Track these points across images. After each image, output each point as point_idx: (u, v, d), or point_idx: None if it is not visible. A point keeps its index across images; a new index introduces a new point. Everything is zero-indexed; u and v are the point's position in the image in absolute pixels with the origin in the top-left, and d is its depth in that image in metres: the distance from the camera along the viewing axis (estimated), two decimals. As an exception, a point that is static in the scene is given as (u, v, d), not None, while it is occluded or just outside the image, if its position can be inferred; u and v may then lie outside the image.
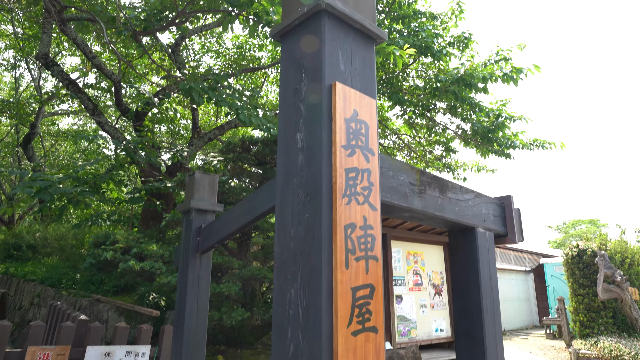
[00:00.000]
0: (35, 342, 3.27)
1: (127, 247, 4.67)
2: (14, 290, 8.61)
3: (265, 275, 4.40)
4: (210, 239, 3.19)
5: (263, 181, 5.48)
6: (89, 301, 5.48)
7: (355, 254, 2.11)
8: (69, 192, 6.17)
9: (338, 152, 2.14)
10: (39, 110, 15.31)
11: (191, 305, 3.20)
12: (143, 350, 3.77)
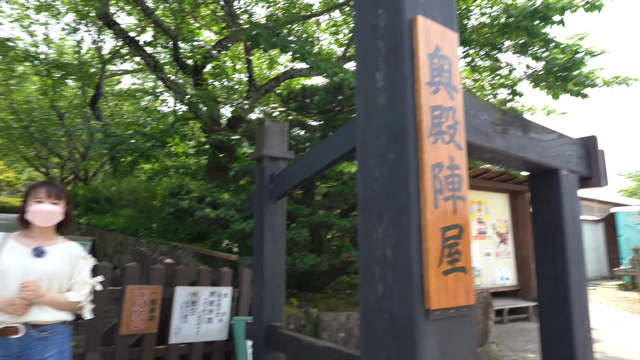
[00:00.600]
0: (132, 281, 3.58)
1: (200, 196, 4.89)
2: (98, 239, 9.42)
3: (333, 222, 4.47)
4: (283, 186, 3.25)
5: (326, 129, 5.46)
6: (168, 247, 5.89)
7: (443, 194, 2.06)
8: (140, 147, 6.50)
9: (422, 89, 2.05)
10: (102, 70, 15.97)
11: (269, 249, 3.33)
12: (225, 291, 4.03)
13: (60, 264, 2.12)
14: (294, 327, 4.58)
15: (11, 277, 2.02)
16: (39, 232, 2.15)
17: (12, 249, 2.08)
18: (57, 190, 2.17)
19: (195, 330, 3.90)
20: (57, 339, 2.10)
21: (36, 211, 2.09)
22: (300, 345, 3.04)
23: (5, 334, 1.98)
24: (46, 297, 2.04)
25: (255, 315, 3.53)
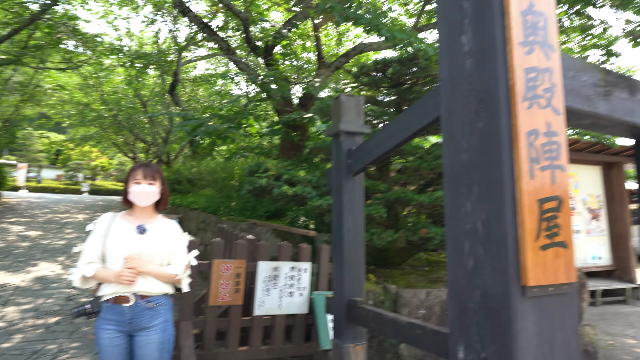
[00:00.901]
0: (218, 256, 3.78)
1: (277, 174, 5.00)
2: (182, 218, 10.08)
3: (411, 198, 4.37)
4: (361, 161, 3.20)
5: (400, 103, 5.30)
6: (247, 225, 6.15)
7: (539, 163, 1.90)
8: (217, 128, 6.77)
9: (515, 50, 1.89)
10: (178, 58, 16.78)
11: (348, 225, 3.33)
12: (305, 266, 4.12)
13: (160, 240, 2.29)
14: (373, 303, 4.59)
15: (119, 252, 2.25)
16: (140, 211, 2.34)
17: (119, 227, 2.30)
18: (153, 171, 2.34)
19: (278, 304, 4.05)
20: (162, 309, 2.30)
21: (135, 192, 2.27)
22: (382, 320, 3.03)
23: (118, 302, 2.24)
24: (148, 269, 2.22)
25: (335, 290, 3.58)
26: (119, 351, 2.24)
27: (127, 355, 2.27)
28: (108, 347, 2.22)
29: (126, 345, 2.27)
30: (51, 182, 41.39)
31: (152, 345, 2.23)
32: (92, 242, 2.31)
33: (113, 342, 2.23)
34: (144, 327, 2.25)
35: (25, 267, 7.82)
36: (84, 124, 25.79)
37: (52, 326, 4.91)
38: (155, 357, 2.22)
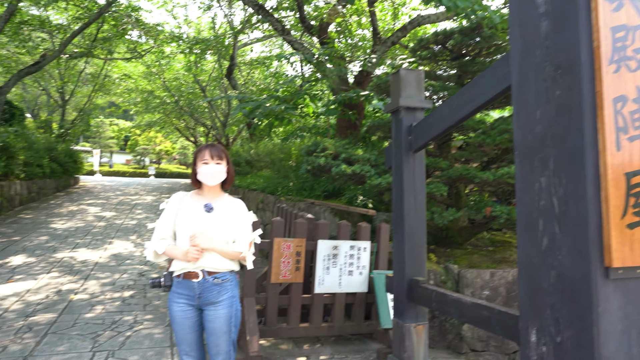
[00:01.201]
0: (279, 234, 3.85)
1: (335, 153, 4.98)
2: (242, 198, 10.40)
3: (474, 175, 4.19)
4: (422, 137, 3.09)
5: (462, 76, 5.05)
6: (305, 204, 6.22)
7: (627, 132, 1.73)
8: (274, 110, 6.83)
9: (600, 7, 1.71)
10: (234, 42, 17.08)
11: (409, 203, 3.25)
12: (364, 245, 4.10)
13: (226, 218, 2.37)
14: (433, 283, 4.50)
15: (186, 230, 2.35)
16: (207, 190, 2.42)
17: (187, 206, 2.40)
18: (219, 151, 2.40)
19: (337, 282, 4.07)
20: (228, 285, 2.40)
21: (204, 172, 2.35)
22: (445, 300, 2.96)
23: (188, 278, 2.35)
24: (213, 247, 2.31)
25: (396, 269, 3.53)
26: (189, 323, 2.36)
27: (197, 326, 2.39)
28: (180, 319, 2.35)
29: (197, 318, 2.38)
30: (121, 167, 44.24)
31: (220, 319, 2.33)
32: (164, 220, 2.43)
33: (184, 315, 2.35)
34: (212, 302, 2.35)
35: (103, 244, 8.46)
36: (149, 111, 27.17)
37: (127, 299, 5.29)
38: (223, 331, 2.32)
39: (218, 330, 2.33)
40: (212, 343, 2.34)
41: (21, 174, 13.15)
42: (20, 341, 3.91)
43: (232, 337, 2.37)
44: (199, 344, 2.40)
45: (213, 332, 2.33)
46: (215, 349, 2.34)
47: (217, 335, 2.33)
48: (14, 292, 5.31)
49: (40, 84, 23.18)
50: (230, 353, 2.36)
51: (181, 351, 2.39)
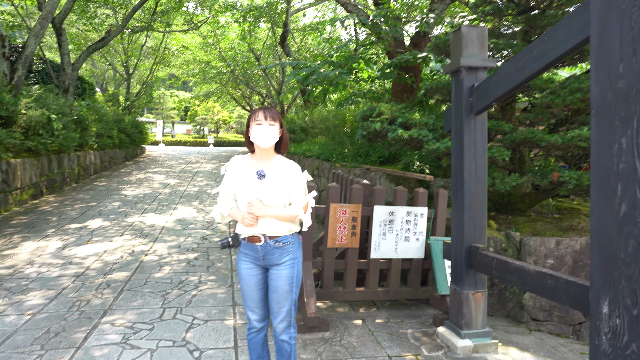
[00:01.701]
0: (335, 200, 3.86)
1: (392, 118, 4.85)
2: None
3: (540, 139, 3.92)
4: (485, 98, 2.93)
5: (529, 32, 4.68)
6: (360, 170, 6.19)
7: None
8: (329, 75, 6.74)
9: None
10: (287, 8, 16.89)
11: (469, 168, 3.13)
12: (421, 211, 4.03)
13: (279, 183, 2.39)
14: (493, 250, 4.36)
15: (243, 195, 2.45)
16: (261, 154, 2.45)
17: (243, 171, 2.46)
18: (272, 113, 2.40)
19: (394, 248, 4.06)
20: (290, 247, 2.48)
21: (256, 132, 2.37)
22: (507, 268, 2.86)
23: (251, 241, 2.47)
24: (269, 212, 2.37)
25: (454, 236, 3.46)
26: (255, 280, 2.49)
27: (262, 285, 2.52)
28: (246, 276, 2.50)
29: (262, 277, 2.52)
30: (182, 136, 46.14)
31: (282, 278, 2.44)
32: (225, 184, 2.54)
33: (250, 272, 2.49)
34: (275, 264, 2.45)
35: (168, 210, 8.96)
36: (206, 81, 27.89)
37: (192, 261, 5.61)
38: (285, 290, 2.44)
39: (280, 289, 2.43)
40: (274, 301, 2.46)
41: (94, 144, 14.10)
42: (101, 296, 4.28)
43: (294, 297, 2.47)
44: (263, 302, 2.52)
45: (275, 290, 2.44)
46: (277, 306, 2.45)
47: (279, 294, 2.44)
48: (94, 252, 5.80)
49: (106, 59, 24.41)
50: (291, 312, 2.46)
51: (246, 307, 2.54)
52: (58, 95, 12.92)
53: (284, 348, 2.48)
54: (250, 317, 2.52)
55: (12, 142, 8.45)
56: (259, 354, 2.59)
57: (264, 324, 2.54)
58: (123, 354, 3.13)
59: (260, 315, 2.52)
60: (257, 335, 2.55)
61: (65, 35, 13.81)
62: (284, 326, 2.46)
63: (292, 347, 2.49)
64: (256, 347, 2.57)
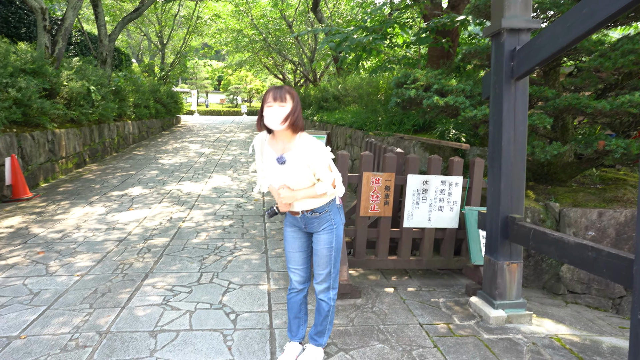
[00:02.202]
0: (367, 169, 3.83)
1: (427, 84, 4.69)
2: (330, 134, 10.48)
3: (586, 105, 3.71)
4: (527, 62, 2.78)
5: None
6: (394, 139, 6.09)
7: None
8: (363, 41, 6.57)
9: None
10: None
11: (508, 135, 3.01)
12: (456, 180, 3.95)
13: (300, 165, 2.38)
14: (530, 221, 4.25)
15: (270, 177, 2.53)
16: (279, 135, 2.42)
17: (266, 152, 2.51)
18: (283, 92, 2.31)
19: (427, 217, 4.02)
20: (327, 215, 2.57)
21: (267, 115, 2.32)
22: (545, 239, 2.79)
23: (291, 213, 2.62)
24: (300, 195, 2.45)
25: (490, 206, 3.38)
26: (298, 243, 2.65)
27: (305, 248, 2.67)
28: (290, 238, 2.66)
29: (305, 240, 2.67)
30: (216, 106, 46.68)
31: (321, 242, 2.58)
32: (257, 161, 2.63)
33: (294, 236, 2.65)
34: (316, 231, 2.59)
35: (204, 178, 9.18)
36: (239, 50, 27.82)
37: (227, 228, 5.76)
38: (324, 254, 2.57)
39: (319, 252, 2.57)
40: (315, 263, 2.61)
41: (132, 115, 14.48)
42: (142, 260, 4.49)
43: (333, 262, 2.59)
44: (305, 264, 2.66)
45: (316, 253, 2.59)
46: (317, 268, 2.59)
47: (319, 257, 2.57)
48: (135, 218, 6.05)
49: (141, 29, 24.70)
50: (330, 274, 2.59)
51: (289, 268, 2.68)
52: (96, 67, 13.25)
53: (322, 306, 2.64)
54: (292, 278, 2.67)
55: (56, 113, 8.79)
56: (296, 313, 2.73)
57: (304, 286, 2.68)
58: (164, 315, 3.29)
59: (302, 277, 2.66)
60: (296, 296, 2.70)
61: (102, 6, 14.01)
62: (323, 287, 2.60)
63: (330, 307, 2.64)
64: (294, 307, 2.72)
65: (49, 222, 5.75)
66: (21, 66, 8.31)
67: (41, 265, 4.27)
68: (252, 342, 2.93)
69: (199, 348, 2.85)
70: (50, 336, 2.96)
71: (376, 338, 3.03)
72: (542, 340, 3.06)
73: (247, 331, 3.08)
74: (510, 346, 2.95)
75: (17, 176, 6.86)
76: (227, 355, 2.77)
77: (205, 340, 2.95)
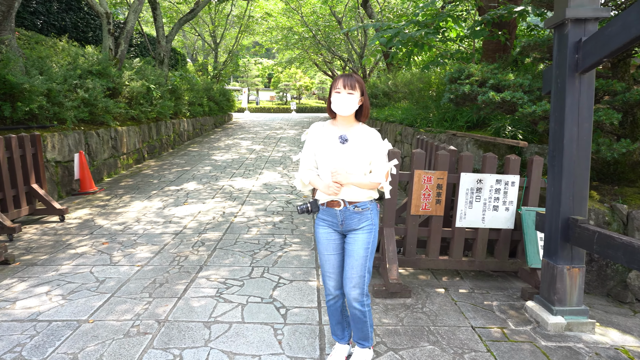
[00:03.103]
0: (419, 166, 3.76)
1: (482, 79, 4.52)
2: (379, 131, 10.37)
3: (660, 99, 3.44)
4: (594, 54, 2.61)
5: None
6: (446, 136, 5.92)
7: None
8: (414, 36, 6.43)
9: None
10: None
11: (571, 132, 2.85)
12: (512, 179, 3.79)
13: (361, 149, 2.39)
14: (594, 223, 4.00)
15: (325, 161, 2.46)
16: (342, 121, 2.45)
17: (324, 137, 2.47)
18: (352, 80, 2.37)
19: (481, 217, 3.89)
20: (368, 213, 2.48)
21: (335, 100, 2.36)
22: (611, 243, 2.61)
23: (331, 206, 2.50)
24: (352, 179, 2.39)
25: (549, 206, 3.22)
26: (333, 245, 2.54)
27: (339, 250, 2.55)
28: (324, 240, 2.55)
29: (339, 242, 2.55)
30: (266, 103, 47.51)
31: (359, 242, 2.46)
32: (306, 151, 2.56)
33: (328, 237, 2.54)
34: (353, 229, 2.48)
35: (254, 174, 9.39)
36: (289, 47, 28.17)
37: (277, 224, 5.86)
38: (360, 255, 2.45)
39: (355, 254, 2.44)
40: (349, 265, 2.47)
41: (187, 112, 15.06)
42: (197, 253, 4.67)
43: (368, 264, 2.47)
44: (340, 268, 2.55)
45: (351, 254, 2.46)
46: (350, 271, 2.46)
47: (354, 258, 2.45)
48: (190, 213, 6.30)
49: (196, 30, 25.61)
50: (364, 279, 2.45)
51: (324, 274, 2.59)
52: (155, 67, 13.88)
53: (357, 315, 2.49)
54: (328, 284, 2.55)
55: (118, 112, 9.31)
56: (338, 319, 2.65)
57: (341, 291, 2.57)
58: (217, 306, 3.41)
59: (338, 282, 2.55)
60: (335, 303, 2.59)
61: (160, 9, 14.64)
62: (356, 293, 2.45)
63: (365, 315, 2.50)
64: (336, 314, 2.63)
65: (112, 215, 6.11)
66: (88, 68, 8.87)
67: (106, 255, 4.54)
68: (301, 337, 2.97)
69: (250, 340, 2.92)
70: (114, 322, 3.15)
71: (426, 339, 2.98)
72: (607, 351, 2.88)
73: (296, 326, 3.13)
74: (570, 355, 2.80)
75: (84, 171, 7.34)
76: (277, 349, 2.82)
77: (257, 333, 3.02)
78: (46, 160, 6.63)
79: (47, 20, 12.43)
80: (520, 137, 4.78)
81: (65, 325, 3.08)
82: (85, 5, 13.77)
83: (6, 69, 6.47)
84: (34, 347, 2.80)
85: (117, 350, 2.78)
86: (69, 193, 7.25)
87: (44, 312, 3.29)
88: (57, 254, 4.58)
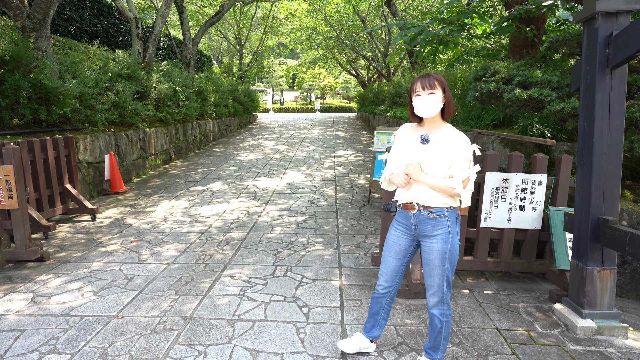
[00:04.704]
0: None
1: (508, 77, 4.41)
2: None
3: (698, 94, 3.29)
4: (627, 48, 2.52)
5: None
6: (471, 134, 5.83)
7: None
8: (439, 33, 6.34)
9: None
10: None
11: (601, 130, 2.76)
12: (540, 178, 3.70)
13: (442, 151, 2.28)
14: (627, 224, 3.86)
15: (404, 159, 2.39)
16: (427, 122, 2.38)
17: (407, 137, 2.43)
18: (431, 80, 2.28)
19: (506, 217, 3.81)
20: (444, 220, 2.32)
21: (417, 104, 2.30)
22: (644, 244, 2.52)
23: (405, 209, 2.45)
24: (425, 178, 2.29)
25: (579, 206, 3.13)
26: (397, 249, 2.50)
27: (402, 255, 2.51)
28: (391, 242, 2.53)
29: (405, 248, 2.50)
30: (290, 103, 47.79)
31: (434, 252, 2.34)
32: (392, 151, 2.52)
33: (397, 240, 2.51)
34: (427, 235, 2.38)
35: (278, 174, 9.47)
36: (313, 47, 28.25)
37: (301, 223, 5.89)
38: (435, 264, 2.36)
39: (431, 263, 2.37)
40: (426, 273, 2.43)
41: (212, 113, 15.30)
42: (222, 252, 4.75)
43: (446, 273, 2.37)
44: (395, 272, 2.54)
45: (427, 263, 2.40)
46: (428, 279, 2.42)
47: (430, 267, 2.39)
48: (215, 212, 6.41)
49: (221, 32, 25.97)
50: (442, 288, 2.38)
51: (380, 269, 2.60)
52: (181, 69, 14.17)
53: (435, 322, 2.45)
54: (379, 278, 2.60)
55: (146, 114, 9.55)
56: (374, 312, 2.68)
57: (387, 291, 2.59)
58: (241, 304, 3.46)
59: (387, 282, 2.57)
60: (379, 297, 2.62)
61: (186, 12, 14.93)
62: (435, 301, 2.41)
63: (443, 324, 2.43)
64: (374, 306, 2.67)
65: (140, 214, 6.28)
66: (118, 72, 9.14)
67: (134, 253, 4.67)
68: (323, 336, 2.99)
69: (273, 338, 2.96)
70: (142, 318, 3.24)
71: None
72: None
73: (319, 325, 3.14)
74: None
75: (114, 172, 7.57)
76: (299, 347, 2.85)
77: (279, 331, 3.05)
78: (78, 161, 6.87)
79: (80, 27, 12.86)
80: (548, 135, 4.65)
81: (96, 321, 3.19)
82: (115, 11, 14.18)
83: (42, 74, 6.74)
84: (67, 341, 2.92)
85: (144, 345, 2.86)
86: (99, 193, 7.48)
87: (76, 307, 3.42)
88: (89, 251, 4.74)
